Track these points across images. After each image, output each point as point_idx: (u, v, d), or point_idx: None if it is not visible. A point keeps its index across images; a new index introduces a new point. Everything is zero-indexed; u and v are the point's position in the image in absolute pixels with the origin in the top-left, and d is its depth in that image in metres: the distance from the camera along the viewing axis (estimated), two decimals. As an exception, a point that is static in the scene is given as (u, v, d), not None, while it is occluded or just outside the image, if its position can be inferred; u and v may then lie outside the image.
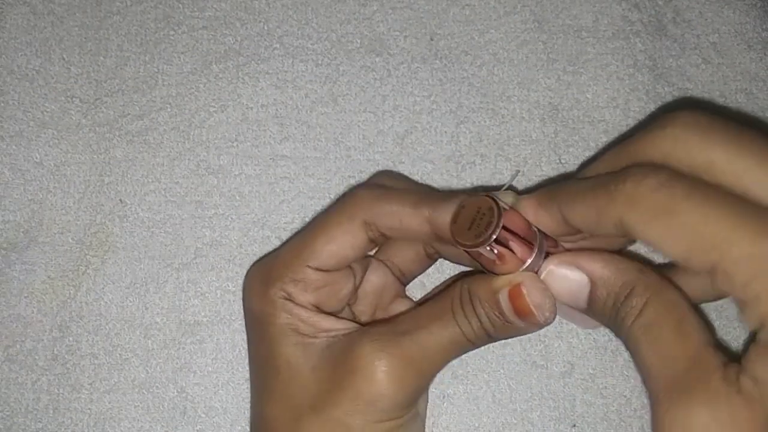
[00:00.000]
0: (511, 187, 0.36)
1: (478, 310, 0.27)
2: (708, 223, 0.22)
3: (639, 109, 0.38)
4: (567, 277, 0.27)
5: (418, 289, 0.36)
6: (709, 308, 0.36)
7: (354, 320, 0.32)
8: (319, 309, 0.30)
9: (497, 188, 0.36)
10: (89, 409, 0.35)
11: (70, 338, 0.36)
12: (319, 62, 0.38)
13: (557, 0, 0.39)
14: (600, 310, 0.26)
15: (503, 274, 0.27)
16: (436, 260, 0.34)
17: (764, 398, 0.21)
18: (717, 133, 0.24)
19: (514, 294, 0.27)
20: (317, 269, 0.30)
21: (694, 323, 0.24)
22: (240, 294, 0.36)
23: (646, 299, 0.25)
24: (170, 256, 0.36)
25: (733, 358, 0.23)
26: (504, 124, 0.38)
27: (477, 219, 0.27)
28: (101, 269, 0.36)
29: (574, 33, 0.39)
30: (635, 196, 0.23)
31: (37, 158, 0.37)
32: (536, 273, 0.27)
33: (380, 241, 0.30)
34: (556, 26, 0.39)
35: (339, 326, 0.30)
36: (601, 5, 0.39)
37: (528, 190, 0.37)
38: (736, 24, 0.39)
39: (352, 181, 0.37)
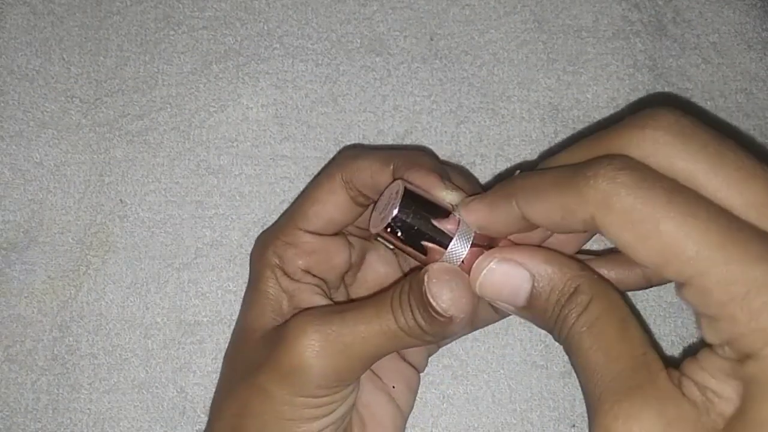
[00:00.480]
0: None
1: (411, 301, 0.27)
2: (690, 236, 0.21)
3: (639, 109, 0.38)
4: (508, 272, 0.26)
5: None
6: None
7: (346, 301, 0.32)
8: (309, 274, 0.31)
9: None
10: (89, 409, 0.35)
11: (70, 338, 0.36)
12: (319, 62, 0.38)
13: (557, 0, 0.39)
14: (542, 307, 0.25)
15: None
16: None
17: (708, 404, 0.21)
18: (701, 141, 0.23)
19: (428, 284, 0.26)
20: (308, 231, 0.31)
21: (636, 324, 0.24)
22: (240, 294, 0.36)
23: (591, 296, 0.24)
24: (170, 256, 0.36)
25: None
26: (504, 124, 0.38)
27: (388, 203, 0.26)
28: (101, 269, 0.36)
29: (574, 33, 0.39)
30: (609, 195, 0.22)
31: (37, 158, 0.37)
32: (462, 263, 0.26)
33: (360, 201, 0.31)
34: (556, 26, 0.39)
35: (311, 303, 0.30)
36: (601, 5, 0.39)
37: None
38: (736, 24, 0.39)
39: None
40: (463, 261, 0.26)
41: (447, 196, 0.27)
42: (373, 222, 0.27)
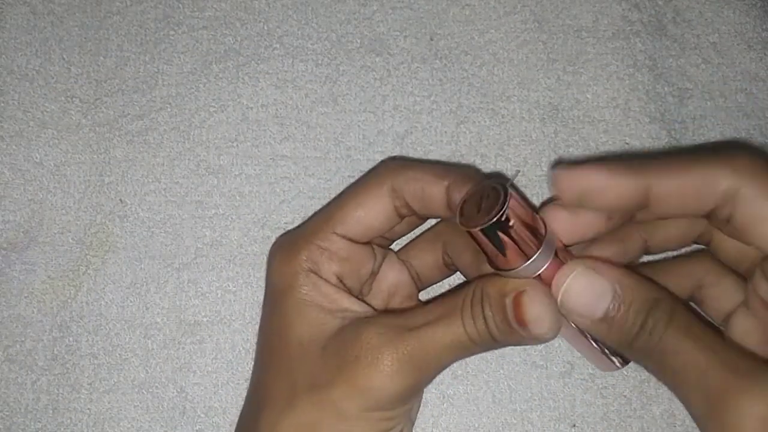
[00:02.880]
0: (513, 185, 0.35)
1: (486, 312, 0.27)
2: None
3: (639, 109, 0.38)
4: (592, 282, 0.26)
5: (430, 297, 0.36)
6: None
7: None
8: (341, 282, 0.31)
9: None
10: (89, 409, 0.35)
11: (70, 338, 0.36)
12: (319, 62, 0.38)
13: (557, 0, 0.39)
14: (622, 317, 0.26)
15: (511, 273, 0.27)
16: (453, 272, 0.34)
17: None
18: None
19: (517, 301, 0.26)
20: (344, 237, 0.30)
21: (716, 331, 0.25)
22: (240, 294, 0.36)
23: (674, 310, 0.25)
24: (170, 256, 0.36)
25: None
26: (504, 124, 0.38)
27: (485, 203, 0.26)
28: (101, 269, 0.36)
29: (574, 33, 0.39)
30: (755, 164, 0.24)
31: (37, 158, 0.37)
32: (540, 275, 0.27)
33: (404, 212, 0.30)
34: (556, 26, 0.39)
35: (357, 308, 0.30)
36: (601, 5, 0.39)
37: (527, 191, 0.37)
38: (736, 24, 0.39)
39: (352, 181, 0.37)
40: (539, 273, 0.27)
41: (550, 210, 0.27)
42: (463, 213, 0.27)
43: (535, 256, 0.26)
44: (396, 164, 0.31)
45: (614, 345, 0.27)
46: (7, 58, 0.38)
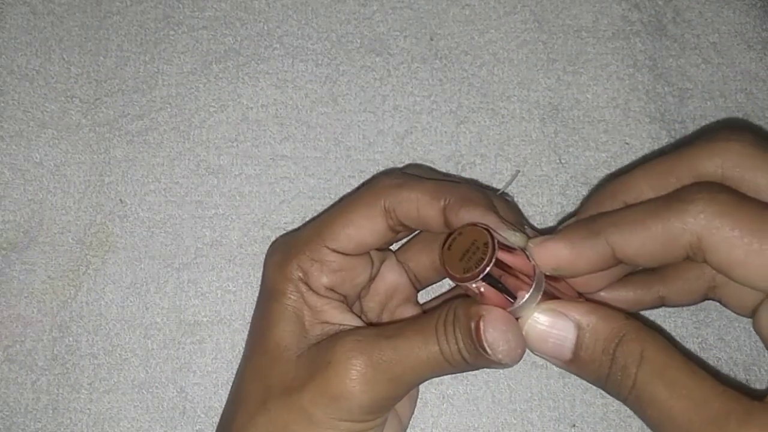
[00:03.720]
0: (504, 195, 0.35)
1: (456, 333, 0.27)
2: None
3: (639, 109, 0.38)
4: (553, 323, 0.26)
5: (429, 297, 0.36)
6: (711, 306, 0.36)
7: (360, 315, 0.32)
8: (333, 291, 0.30)
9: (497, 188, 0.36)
10: (89, 409, 0.35)
11: (70, 338, 0.36)
12: (319, 62, 0.38)
13: (557, 0, 0.39)
14: (588, 358, 0.25)
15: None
16: None
17: None
18: None
19: (477, 325, 0.26)
20: (335, 251, 0.30)
21: (696, 365, 0.24)
22: (240, 294, 0.36)
23: (643, 345, 0.24)
24: (170, 256, 0.36)
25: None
26: (504, 124, 0.38)
27: (471, 250, 0.26)
28: (101, 269, 0.36)
29: (574, 33, 0.39)
30: (716, 215, 0.23)
31: (37, 158, 0.37)
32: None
33: (399, 229, 0.30)
34: (556, 26, 0.39)
35: (341, 320, 0.30)
36: (601, 5, 0.39)
37: (527, 190, 0.37)
38: (736, 24, 0.39)
39: (352, 181, 0.37)
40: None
41: (512, 237, 0.27)
42: (449, 260, 0.26)
43: (521, 302, 0.26)
44: (390, 182, 0.30)
45: (593, 383, 0.26)
46: (7, 58, 0.38)
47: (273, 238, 0.37)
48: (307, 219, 0.37)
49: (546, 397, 0.35)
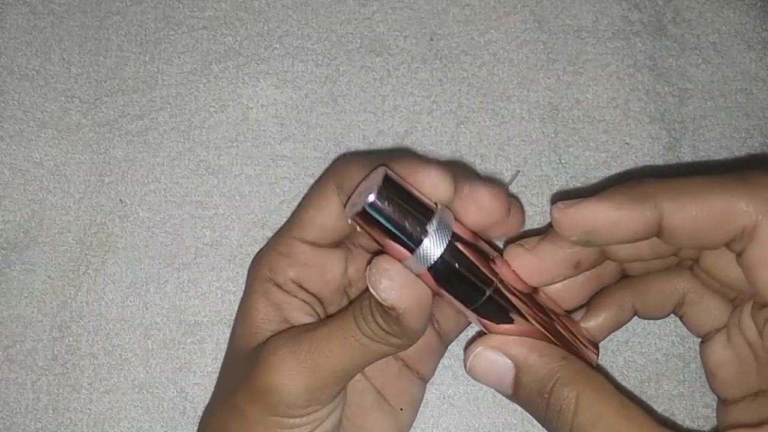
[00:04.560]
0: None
1: (371, 304, 0.26)
2: None
3: (639, 109, 0.38)
4: (493, 360, 0.26)
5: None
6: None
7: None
8: (302, 288, 0.30)
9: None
10: (89, 409, 0.35)
11: (70, 338, 0.36)
12: (319, 62, 0.38)
13: (557, 0, 0.39)
14: (526, 397, 0.26)
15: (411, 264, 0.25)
16: None
17: None
18: None
19: (367, 273, 0.25)
20: (303, 240, 0.30)
21: (630, 402, 0.23)
22: (240, 294, 0.36)
23: (579, 389, 0.24)
24: (170, 256, 0.36)
25: None
26: (504, 124, 0.38)
27: (366, 190, 0.24)
28: (101, 269, 0.36)
29: (574, 33, 0.39)
30: None
31: (37, 158, 0.37)
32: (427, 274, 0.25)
33: None
34: (556, 26, 0.39)
35: (298, 321, 0.30)
36: (601, 5, 0.39)
37: (528, 190, 0.37)
38: (736, 24, 0.39)
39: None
40: (431, 268, 0.24)
41: (429, 179, 0.25)
42: (348, 207, 0.25)
43: (421, 249, 0.24)
44: (339, 161, 0.30)
45: (536, 419, 0.26)
46: (7, 58, 0.38)
47: (273, 238, 0.37)
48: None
49: (546, 397, 0.35)
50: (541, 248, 0.27)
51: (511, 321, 0.26)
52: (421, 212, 0.24)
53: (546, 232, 0.27)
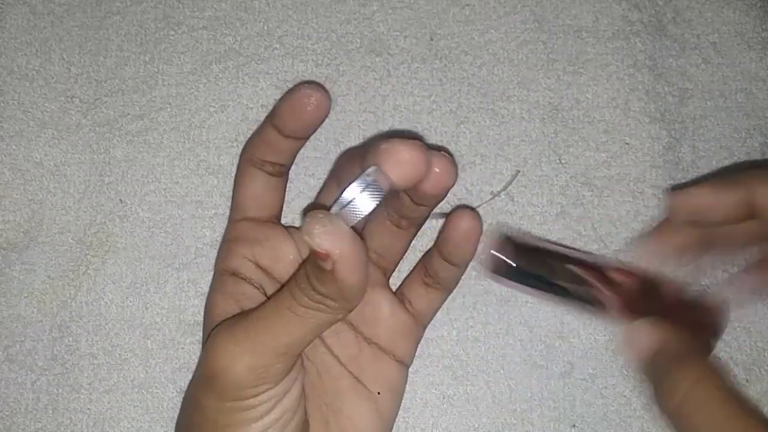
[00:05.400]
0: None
1: (306, 270, 0.26)
2: None
3: (639, 109, 0.38)
4: (650, 332, 0.28)
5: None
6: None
7: None
8: (266, 272, 0.31)
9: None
10: (88, 409, 0.35)
11: (70, 338, 0.36)
12: (319, 62, 0.38)
13: (557, 0, 0.39)
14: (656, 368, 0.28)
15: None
16: (410, 232, 0.32)
17: None
18: None
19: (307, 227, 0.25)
20: (245, 219, 0.32)
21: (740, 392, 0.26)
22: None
23: (703, 372, 0.26)
24: (170, 256, 0.36)
25: None
26: (504, 124, 0.38)
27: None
28: (101, 269, 0.36)
29: (574, 33, 0.39)
30: None
31: (37, 158, 0.37)
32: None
33: (270, 170, 0.32)
34: (556, 26, 0.39)
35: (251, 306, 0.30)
36: (601, 5, 0.39)
37: (527, 190, 0.37)
38: (736, 24, 0.39)
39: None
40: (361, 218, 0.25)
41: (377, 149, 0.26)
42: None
43: (343, 198, 0.25)
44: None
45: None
46: (7, 58, 0.38)
47: (273, 238, 0.37)
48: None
49: (546, 397, 0.35)
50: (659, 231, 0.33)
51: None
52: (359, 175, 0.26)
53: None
